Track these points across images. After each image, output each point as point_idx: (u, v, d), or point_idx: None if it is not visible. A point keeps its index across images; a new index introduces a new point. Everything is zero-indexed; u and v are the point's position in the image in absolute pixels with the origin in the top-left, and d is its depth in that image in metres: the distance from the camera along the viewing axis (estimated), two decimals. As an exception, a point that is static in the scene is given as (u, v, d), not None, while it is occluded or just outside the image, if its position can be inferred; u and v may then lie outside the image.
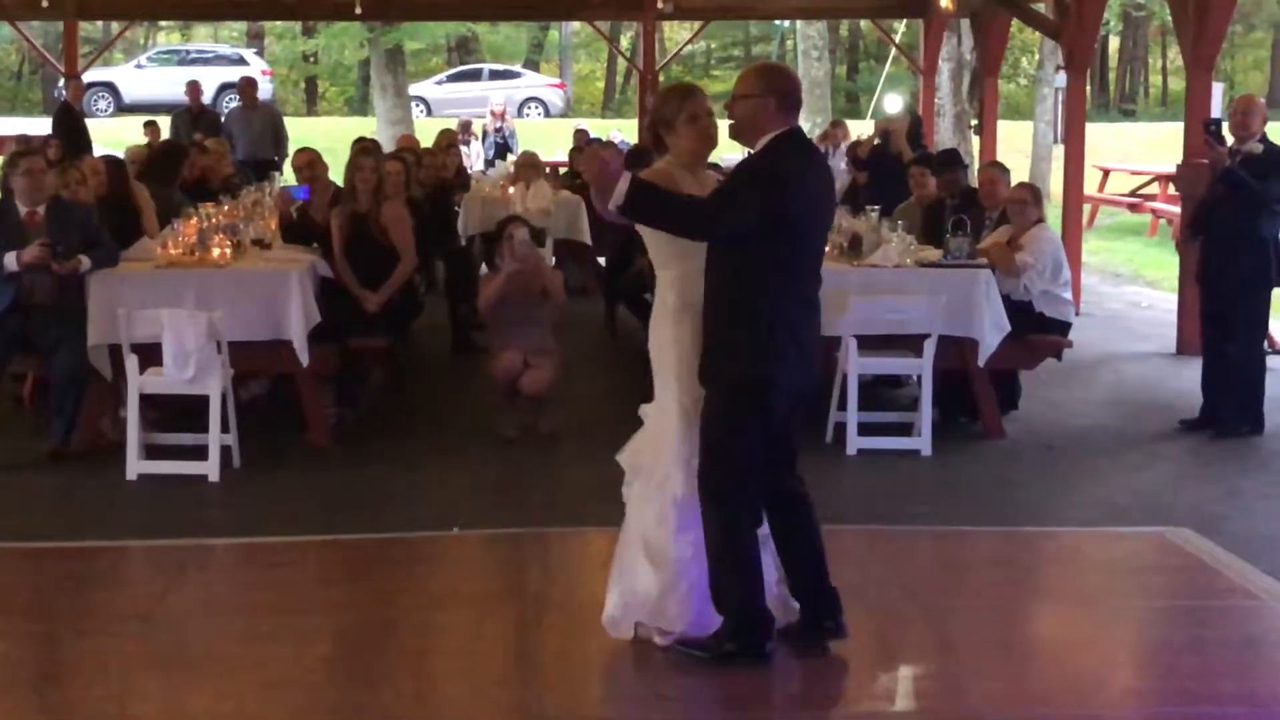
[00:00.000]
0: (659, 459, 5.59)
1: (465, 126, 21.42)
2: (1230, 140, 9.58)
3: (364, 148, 10.28)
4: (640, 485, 5.65)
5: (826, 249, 9.34)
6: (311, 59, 41.03)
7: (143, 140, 16.67)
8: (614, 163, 5.36)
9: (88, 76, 20.85)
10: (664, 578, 5.58)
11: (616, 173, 5.28)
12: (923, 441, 8.98)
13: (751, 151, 5.52)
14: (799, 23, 27.78)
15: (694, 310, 5.51)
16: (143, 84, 33.97)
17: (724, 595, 5.50)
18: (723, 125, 5.54)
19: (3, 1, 18.51)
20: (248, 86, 18.81)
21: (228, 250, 9.00)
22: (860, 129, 19.48)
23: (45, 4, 18.29)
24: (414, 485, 8.27)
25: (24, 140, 13.90)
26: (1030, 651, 6.12)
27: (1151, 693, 5.72)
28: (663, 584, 5.59)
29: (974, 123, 21.56)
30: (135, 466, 8.31)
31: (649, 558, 5.59)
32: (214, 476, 8.26)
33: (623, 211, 5.30)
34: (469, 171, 17.12)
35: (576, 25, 39.21)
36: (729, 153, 18.49)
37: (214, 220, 9.43)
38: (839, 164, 17.43)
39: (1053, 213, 12.67)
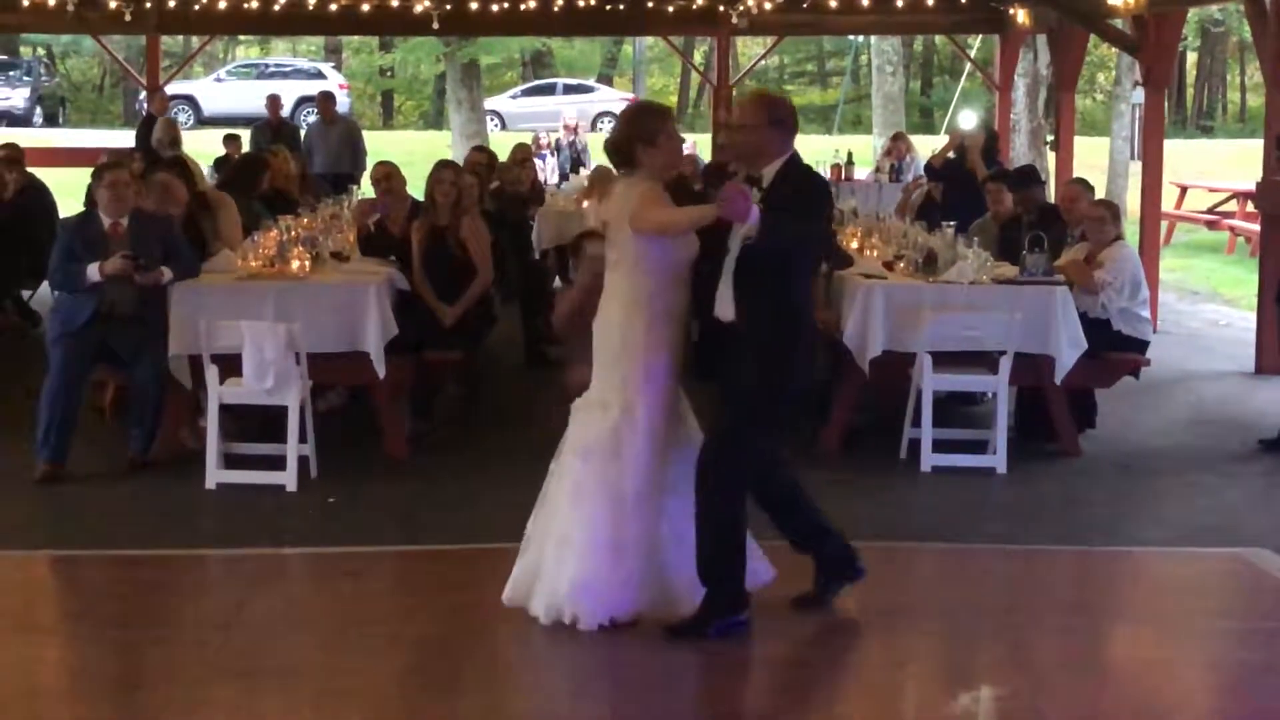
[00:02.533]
0: (613, 454, 5.93)
1: (540, 140, 21.53)
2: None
3: (444, 161, 10.36)
4: (589, 474, 5.95)
5: (901, 265, 9.51)
6: (388, 73, 41.37)
7: (218, 153, 16.81)
8: (749, 198, 5.58)
9: (168, 90, 21.08)
10: (610, 565, 5.87)
11: (749, 207, 5.54)
12: (998, 459, 8.92)
13: (760, 176, 5.85)
14: (873, 38, 27.73)
15: (664, 315, 5.89)
16: (222, 97, 34.41)
17: (718, 574, 5.86)
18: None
19: (86, 15, 18.76)
20: (325, 101, 18.93)
21: (306, 263, 9.10)
22: (934, 144, 19.35)
23: (128, 18, 18.52)
24: (488, 496, 8.30)
25: (115, 154, 14.04)
26: (1106, 672, 6.08)
27: (1228, 715, 5.68)
28: (610, 572, 5.87)
29: (1050, 138, 21.41)
30: (214, 476, 8.39)
31: (597, 545, 5.88)
32: (292, 486, 8.34)
33: (756, 243, 5.61)
34: (543, 185, 17.19)
35: (650, 40, 39.24)
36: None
37: (293, 233, 9.52)
38: (907, 177, 17.33)
39: (1130, 230, 12.57)
